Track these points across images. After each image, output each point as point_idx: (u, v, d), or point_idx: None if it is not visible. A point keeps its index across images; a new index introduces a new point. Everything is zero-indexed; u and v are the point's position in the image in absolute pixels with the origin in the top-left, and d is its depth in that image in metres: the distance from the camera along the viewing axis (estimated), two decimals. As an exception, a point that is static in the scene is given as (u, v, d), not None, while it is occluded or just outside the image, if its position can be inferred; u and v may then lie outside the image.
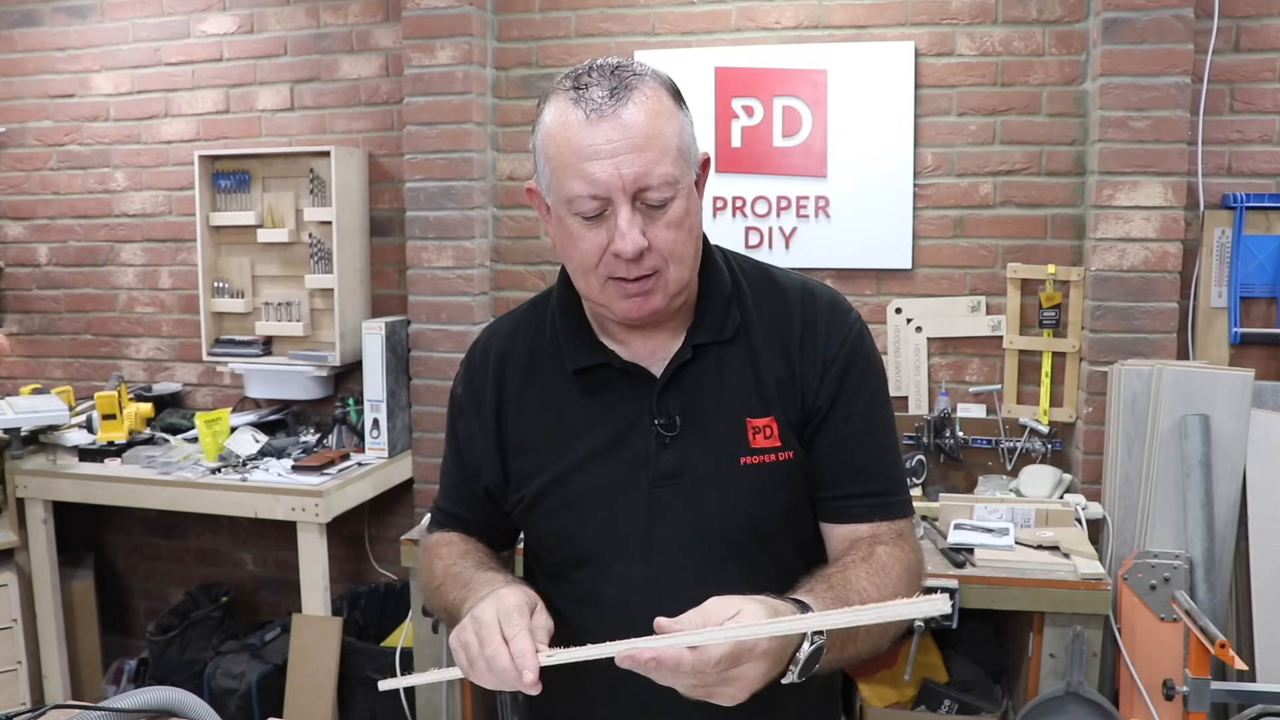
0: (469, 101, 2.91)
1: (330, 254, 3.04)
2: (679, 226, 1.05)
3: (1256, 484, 2.38)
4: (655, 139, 1.02)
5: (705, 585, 1.04)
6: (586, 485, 1.14)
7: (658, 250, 1.05)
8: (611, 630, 1.05)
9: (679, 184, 1.05)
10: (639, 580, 1.13)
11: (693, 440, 1.13)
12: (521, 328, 1.24)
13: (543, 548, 1.22)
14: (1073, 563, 2.20)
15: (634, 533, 1.13)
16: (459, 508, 1.28)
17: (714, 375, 1.14)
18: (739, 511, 1.12)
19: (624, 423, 1.14)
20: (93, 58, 3.41)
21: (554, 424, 1.17)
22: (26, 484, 2.92)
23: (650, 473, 1.13)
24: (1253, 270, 2.58)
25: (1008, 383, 2.75)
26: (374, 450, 2.97)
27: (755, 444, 1.13)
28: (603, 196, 1.03)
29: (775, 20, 2.83)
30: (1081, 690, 2.14)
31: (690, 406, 1.13)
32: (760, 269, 1.23)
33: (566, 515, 1.16)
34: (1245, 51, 2.57)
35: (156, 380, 3.50)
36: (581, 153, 1.02)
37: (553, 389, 1.18)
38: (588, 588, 1.16)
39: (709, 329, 1.15)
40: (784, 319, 1.17)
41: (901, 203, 2.78)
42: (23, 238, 3.57)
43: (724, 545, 1.13)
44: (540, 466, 1.17)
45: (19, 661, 2.96)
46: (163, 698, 1.27)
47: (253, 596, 3.47)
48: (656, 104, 1.04)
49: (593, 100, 1.02)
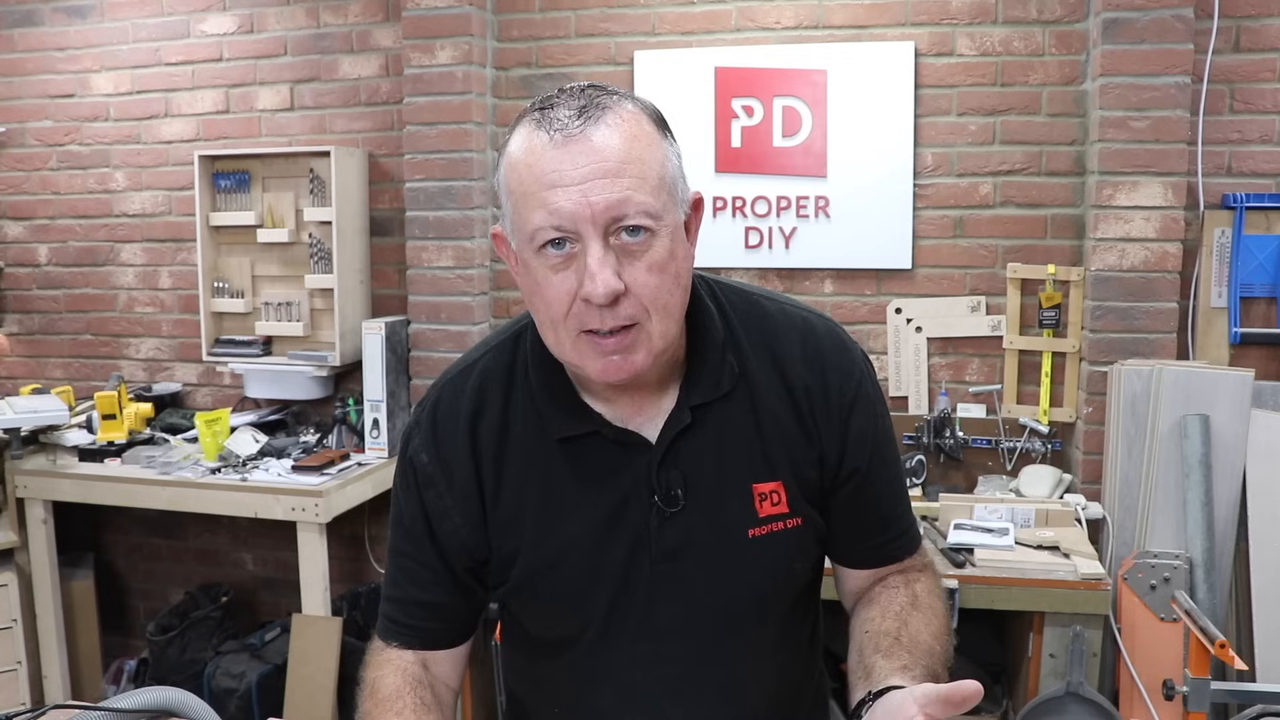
0: (469, 101, 2.91)
1: (330, 254, 3.03)
2: (662, 271, 0.91)
3: (1256, 484, 2.38)
4: (630, 164, 0.88)
5: (711, 657, 1.06)
6: (583, 567, 1.03)
7: (636, 297, 0.90)
8: (616, 704, 1.07)
9: (661, 219, 0.91)
10: (643, 658, 1.06)
11: (696, 515, 1.02)
12: (490, 383, 1.06)
13: (535, 627, 1.11)
14: (1073, 563, 2.20)
15: (636, 613, 1.04)
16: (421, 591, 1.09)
17: (715, 439, 1.03)
18: (745, 585, 1.05)
19: (619, 497, 1.02)
20: (93, 58, 3.41)
21: (540, 498, 1.04)
22: (26, 484, 2.92)
23: (651, 551, 1.03)
24: (1253, 270, 2.58)
25: (1008, 383, 2.75)
26: (374, 450, 2.97)
27: (762, 512, 1.03)
28: (569, 230, 0.89)
29: (775, 20, 2.83)
30: (1081, 690, 2.14)
31: (692, 477, 1.02)
32: (751, 303, 1.09)
33: (561, 598, 1.05)
34: (1245, 51, 2.57)
35: (156, 380, 3.50)
36: (544, 179, 0.89)
37: (535, 457, 1.04)
38: (584, 669, 1.08)
39: (705, 386, 1.02)
40: (785, 366, 1.05)
41: (901, 203, 2.78)
42: (23, 238, 3.57)
43: (729, 619, 1.06)
44: (529, 546, 1.04)
45: (19, 661, 2.96)
46: (163, 698, 1.27)
47: (253, 596, 3.47)
48: (634, 127, 0.91)
49: (558, 120, 0.89)
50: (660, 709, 1.06)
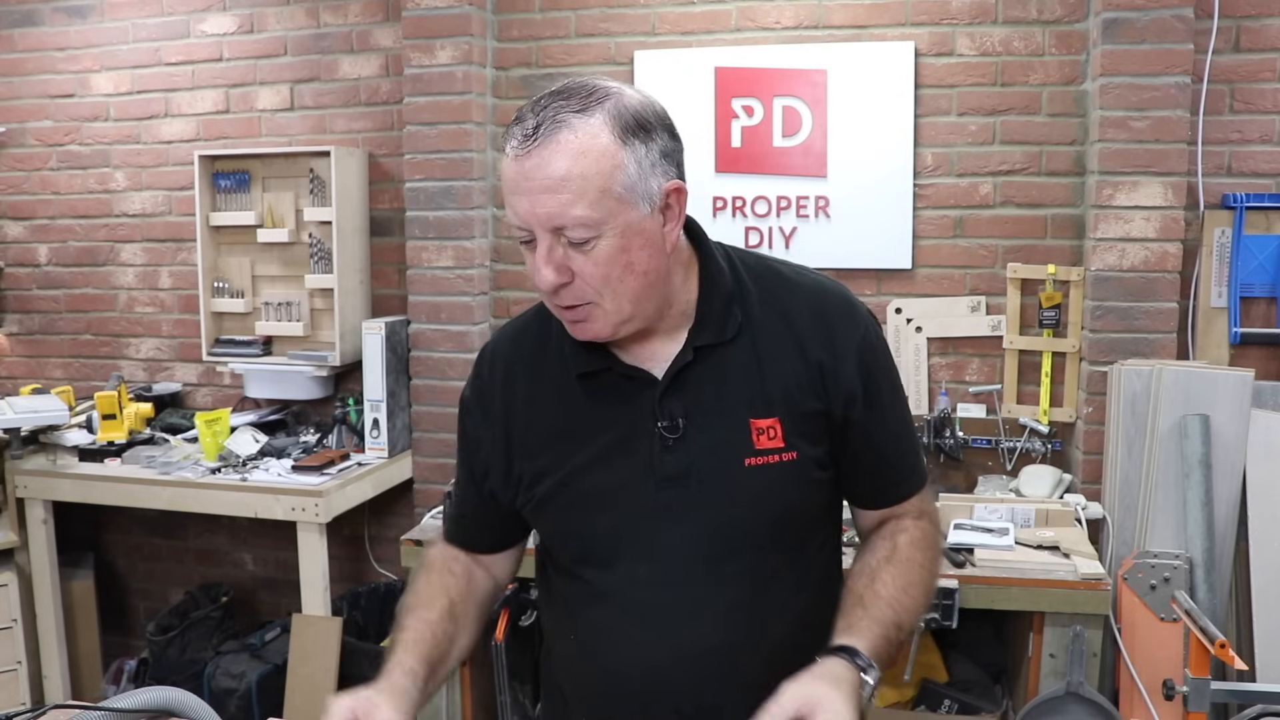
0: (469, 101, 2.91)
1: (330, 254, 3.03)
2: (608, 263, 1.05)
3: (1256, 484, 2.38)
4: (569, 181, 1.01)
5: (707, 584, 1.14)
6: (593, 486, 1.16)
7: (584, 282, 1.06)
8: (617, 625, 1.16)
9: (601, 225, 1.03)
10: (643, 579, 1.14)
11: (696, 442, 1.13)
12: (527, 334, 1.25)
13: (553, 544, 1.25)
14: (1073, 563, 2.21)
15: (639, 533, 1.14)
16: (469, 508, 1.31)
17: (716, 377, 1.15)
18: (742, 512, 1.14)
19: (628, 425, 1.15)
20: (93, 58, 3.41)
21: (561, 427, 1.18)
22: (26, 484, 2.92)
23: (655, 475, 1.14)
24: (1253, 270, 2.58)
25: (1008, 383, 2.75)
26: (374, 450, 2.97)
27: (759, 445, 1.13)
28: (526, 229, 1.05)
29: (775, 20, 2.83)
30: (1081, 690, 2.14)
31: (692, 408, 1.14)
32: (767, 266, 1.22)
33: (574, 514, 1.18)
34: (1245, 51, 2.57)
35: (156, 380, 3.50)
36: (508, 185, 1.05)
37: (559, 393, 1.19)
38: (595, 585, 1.18)
39: (710, 330, 1.15)
40: (795, 318, 1.17)
41: (901, 203, 2.78)
42: (23, 238, 3.57)
43: (726, 545, 1.14)
44: (548, 468, 1.18)
45: (19, 661, 2.96)
46: (163, 698, 1.27)
47: (253, 596, 3.47)
48: (584, 143, 1.01)
49: (516, 136, 1.03)
50: (666, 630, 1.14)
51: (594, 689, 1.20)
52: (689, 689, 1.14)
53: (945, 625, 2.16)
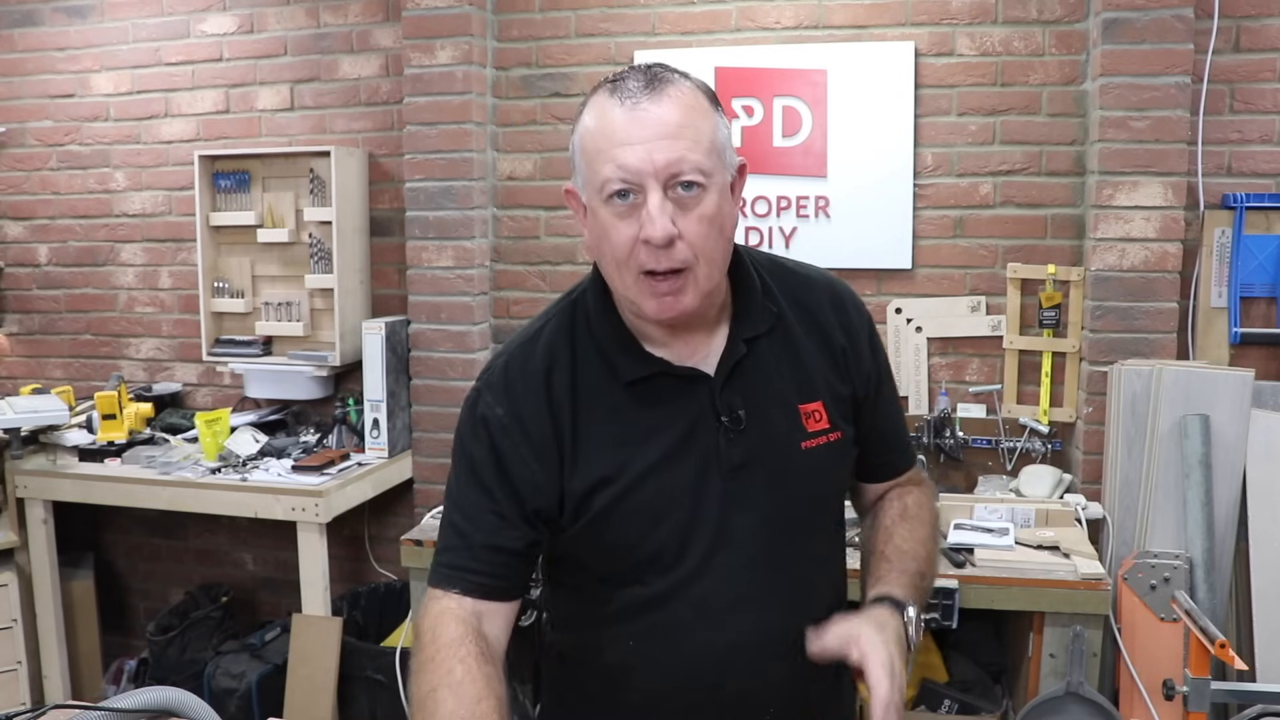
0: (469, 101, 2.91)
1: (330, 254, 3.04)
2: (710, 222, 1.07)
3: (1256, 484, 2.38)
4: (688, 128, 1.05)
5: (777, 563, 1.19)
6: (660, 488, 1.15)
7: (689, 242, 1.06)
8: (690, 620, 1.17)
9: (712, 177, 1.07)
10: (716, 568, 1.16)
11: (756, 432, 1.17)
12: (557, 343, 1.19)
13: (607, 558, 1.18)
14: (1073, 563, 2.21)
15: (710, 525, 1.16)
16: (495, 537, 1.14)
17: (763, 367, 1.20)
18: (802, 493, 1.20)
19: (688, 424, 1.16)
20: (93, 58, 3.41)
21: (616, 435, 1.16)
22: (26, 484, 2.92)
23: (721, 467, 1.16)
24: (1253, 270, 2.58)
25: (1008, 383, 2.75)
26: (374, 450, 2.97)
27: (810, 428, 1.20)
28: (634, 182, 1.05)
29: (775, 20, 2.83)
30: (1081, 690, 2.14)
31: (749, 399, 1.18)
32: (775, 263, 1.29)
33: (638, 521, 1.15)
34: (1245, 51, 2.57)
35: (156, 380, 3.50)
36: (615, 138, 1.05)
37: (607, 402, 1.17)
38: (657, 587, 1.17)
39: (751, 323, 1.20)
40: (816, 310, 1.24)
41: (901, 203, 2.78)
42: (23, 238, 3.57)
43: (790, 525, 1.19)
44: (606, 479, 1.15)
45: (19, 661, 2.96)
46: (163, 698, 1.27)
47: (253, 596, 3.47)
48: (692, 99, 1.08)
49: (629, 90, 1.06)
50: (733, 618, 1.17)
51: (662, 687, 1.19)
52: (760, 668, 1.18)
53: (945, 625, 2.16)
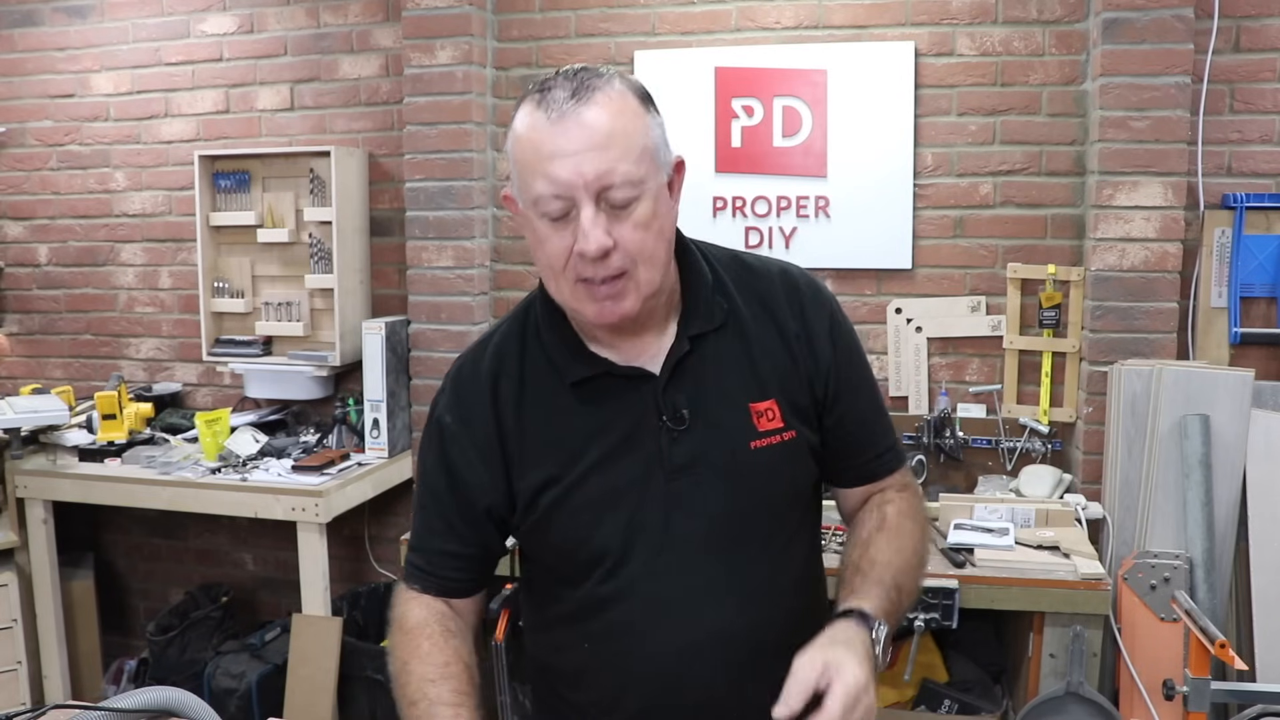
0: (469, 101, 2.91)
1: (330, 254, 3.03)
2: (646, 227, 1.05)
3: (1256, 484, 2.38)
4: (616, 138, 1.02)
5: (724, 568, 1.16)
6: (602, 487, 1.15)
7: (625, 250, 1.05)
8: (638, 620, 1.16)
9: (644, 184, 1.04)
10: (660, 571, 1.15)
11: (702, 431, 1.15)
12: (506, 348, 1.22)
13: (558, 556, 1.21)
14: (1073, 563, 2.20)
15: (654, 525, 1.15)
16: (446, 541, 1.21)
17: (712, 365, 1.16)
18: (752, 494, 1.16)
19: (631, 424, 1.15)
20: (93, 58, 3.41)
21: (559, 436, 1.17)
22: (26, 484, 2.92)
23: (664, 467, 1.14)
24: (1253, 270, 2.58)
25: (1008, 383, 2.75)
26: (374, 450, 2.97)
27: (761, 427, 1.16)
28: (566, 196, 1.03)
29: (775, 20, 2.83)
30: (1081, 690, 2.14)
31: (694, 398, 1.15)
32: (733, 256, 1.25)
33: (584, 519, 1.16)
34: (1245, 51, 2.57)
35: (156, 380, 3.50)
36: (543, 152, 1.03)
37: (551, 402, 1.18)
38: (606, 587, 1.17)
39: (699, 320, 1.16)
40: (770, 303, 1.20)
41: (901, 203, 2.78)
42: (23, 238, 3.57)
43: (740, 527, 1.16)
44: (551, 478, 1.16)
45: (19, 661, 2.96)
46: (163, 698, 1.27)
47: (253, 596, 3.47)
48: (620, 104, 1.04)
49: (555, 100, 1.03)
50: (684, 620, 1.15)
51: (618, 690, 1.19)
52: (717, 671, 1.15)
53: (945, 625, 2.16)
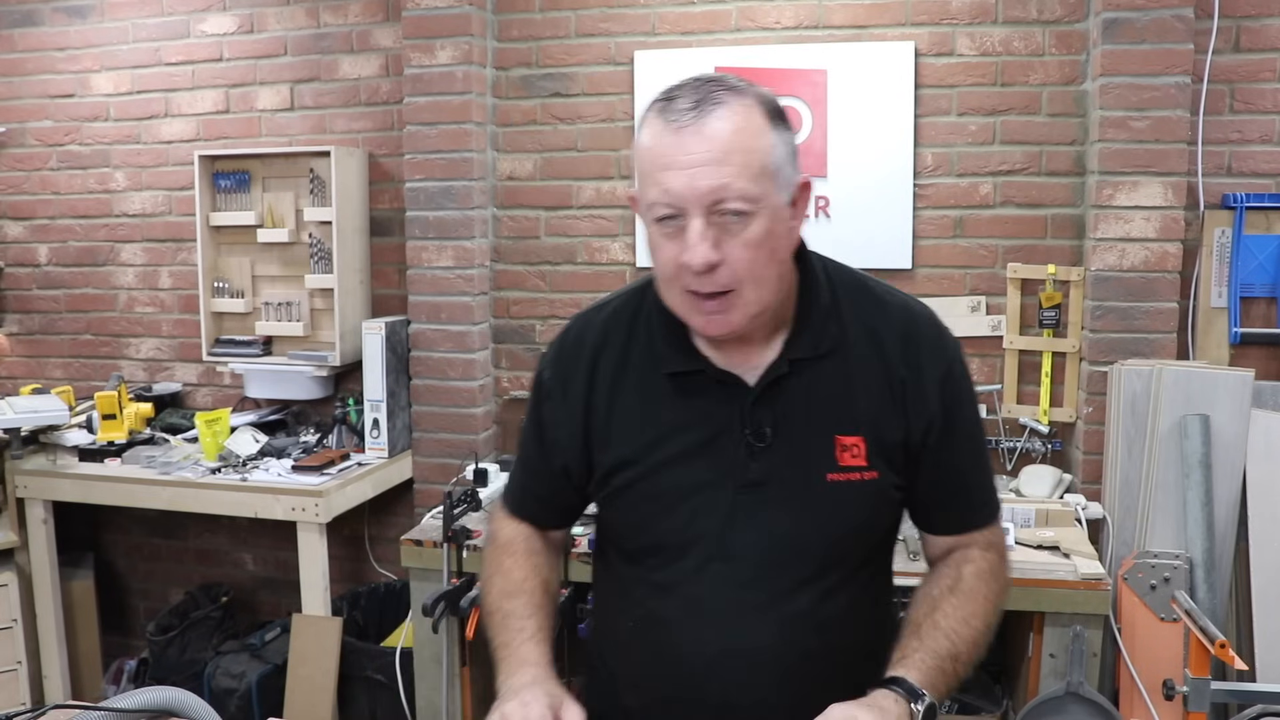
0: (469, 101, 2.91)
1: (330, 254, 3.03)
2: (757, 247, 1.04)
3: (1256, 484, 2.38)
4: (734, 154, 1.01)
5: (772, 590, 1.15)
6: (674, 482, 1.16)
7: (732, 268, 1.04)
8: (678, 618, 1.18)
9: (759, 202, 1.03)
10: (711, 576, 1.15)
11: (781, 453, 1.14)
12: (616, 322, 1.24)
13: (621, 534, 1.25)
14: (1073, 563, 2.21)
15: (712, 532, 1.15)
16: (534, 483, 1.32)
17: (807, 390, 1.15)
18: (817, 526, 1.14)
19: (715, 428, 1.15)
20: (93, 58, 3.41)
21: (645, 421, 1.18)
22: (26, 484, 2.92)
23: (736, 479, 1.14)
24: (1253, 270, 2.58)
25: (1008, 383, 2.75)
26: (374, 450, 2.97)
27: (842, 462, 1.14)
28: (677, 206, 1.02)
29: (775, 20, 2.83)
30: (1081, 690, 2.14)
31: (781, 420, 1.14)
32: (859, 283, 1.22)
33: (651, 508, 1.18)
34: (1245, 51, 2.57)
35: (156, 380, 3.50)
36: (659, 162, 1.03)
37: (645, 387, 1.19)
38: (658, 576, 1.19)
39: (806, 344, 1.15)
40: (885, 340, 1.17)
41: (901, 203, 2.78)
42: (23, 238, 3.57)
43: (797, 554, 1.15)
44: (629, 460, 1.18)
45: (19, 661, 2.96)
46: (163, 698, 1.27)
47: (253, 596, 3.47)
48: (744, 119, 1.03)
49: (676, 110, 1.03)
50: (720, 628, 1.15)
51: (645, 673, 1.21)
52: (740, 686, 1.15)
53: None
